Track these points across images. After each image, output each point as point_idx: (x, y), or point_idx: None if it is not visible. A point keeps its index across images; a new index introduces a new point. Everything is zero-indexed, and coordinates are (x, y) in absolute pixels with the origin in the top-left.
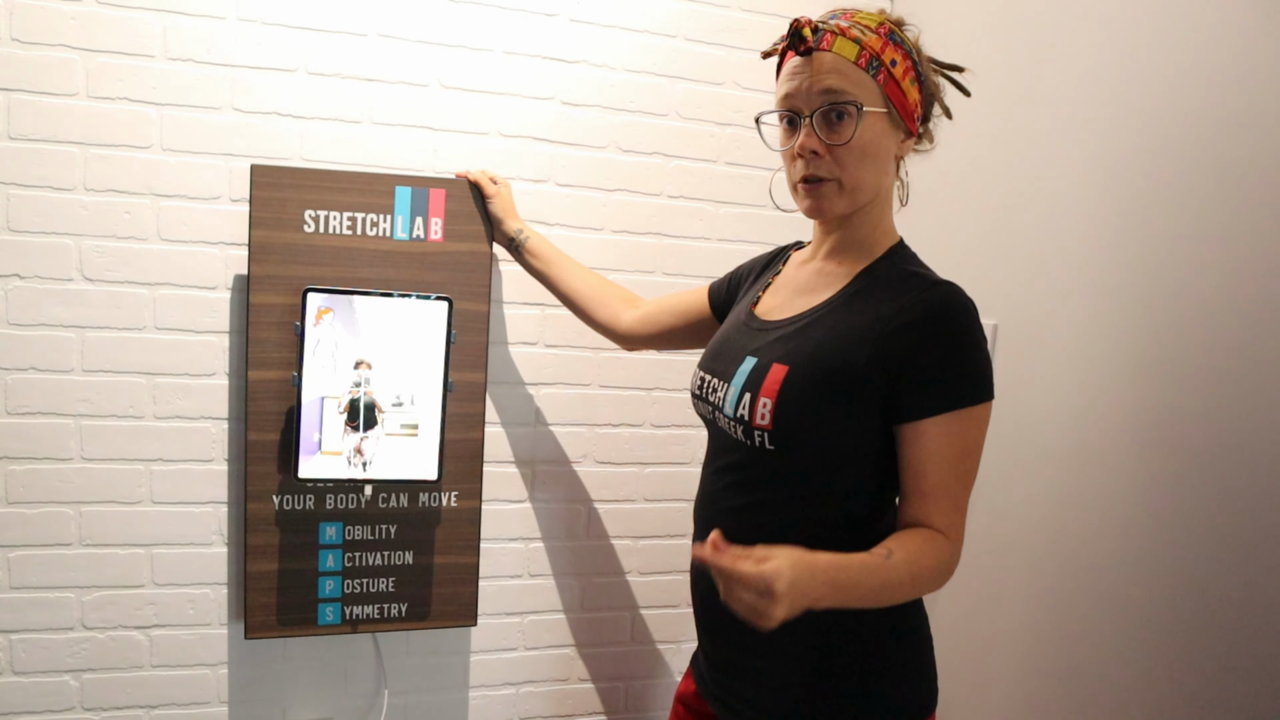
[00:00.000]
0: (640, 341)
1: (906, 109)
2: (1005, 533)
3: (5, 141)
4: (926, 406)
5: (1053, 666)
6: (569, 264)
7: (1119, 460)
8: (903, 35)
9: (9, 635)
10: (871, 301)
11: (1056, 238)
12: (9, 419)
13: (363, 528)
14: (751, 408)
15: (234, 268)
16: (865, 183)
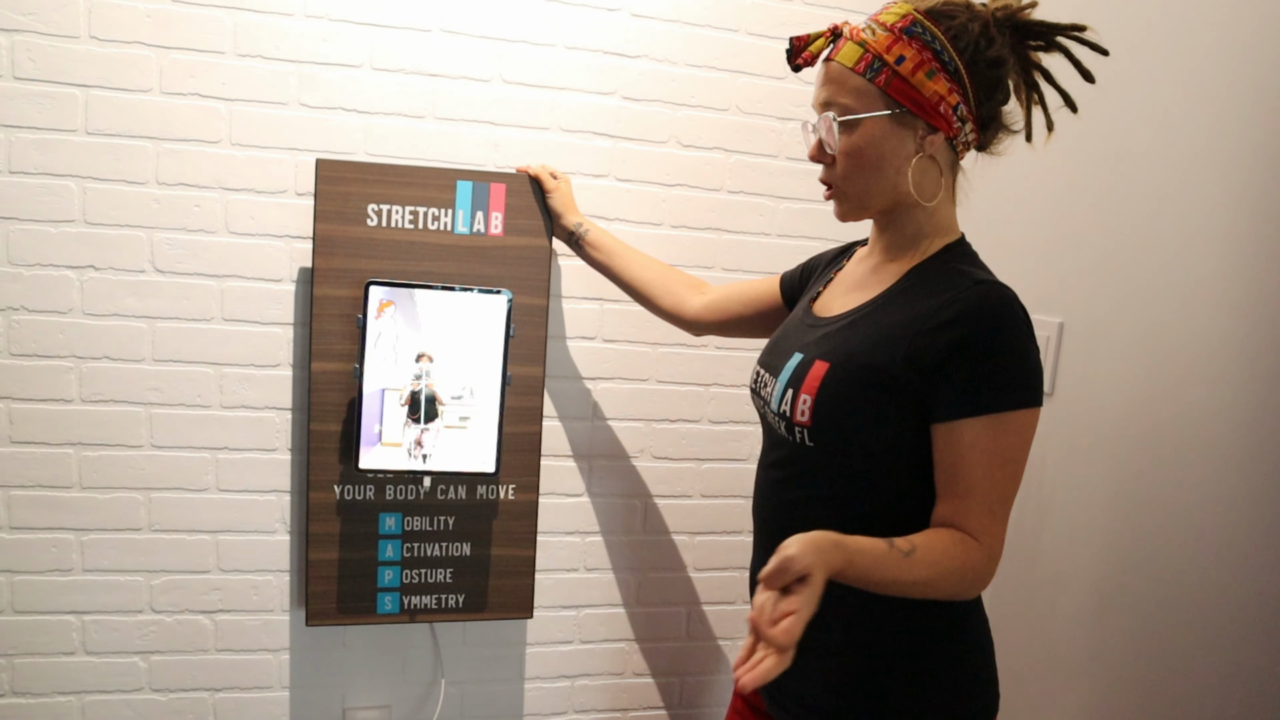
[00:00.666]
0: (707, 328)
1: (924, 104)
2: (1070, 533)
3: (83, 136)
4: (960, 408)
5: (1119, 673)
6: (631, 253)
7: (1186, 459)
8: (929, 25)
9: (82, 616)
10: (913, 299)
11: (1123, 233)
12: (84, 406)
13: (422, 519)
14: (793, 404)
15: (299, 261)
16: (868, 189)
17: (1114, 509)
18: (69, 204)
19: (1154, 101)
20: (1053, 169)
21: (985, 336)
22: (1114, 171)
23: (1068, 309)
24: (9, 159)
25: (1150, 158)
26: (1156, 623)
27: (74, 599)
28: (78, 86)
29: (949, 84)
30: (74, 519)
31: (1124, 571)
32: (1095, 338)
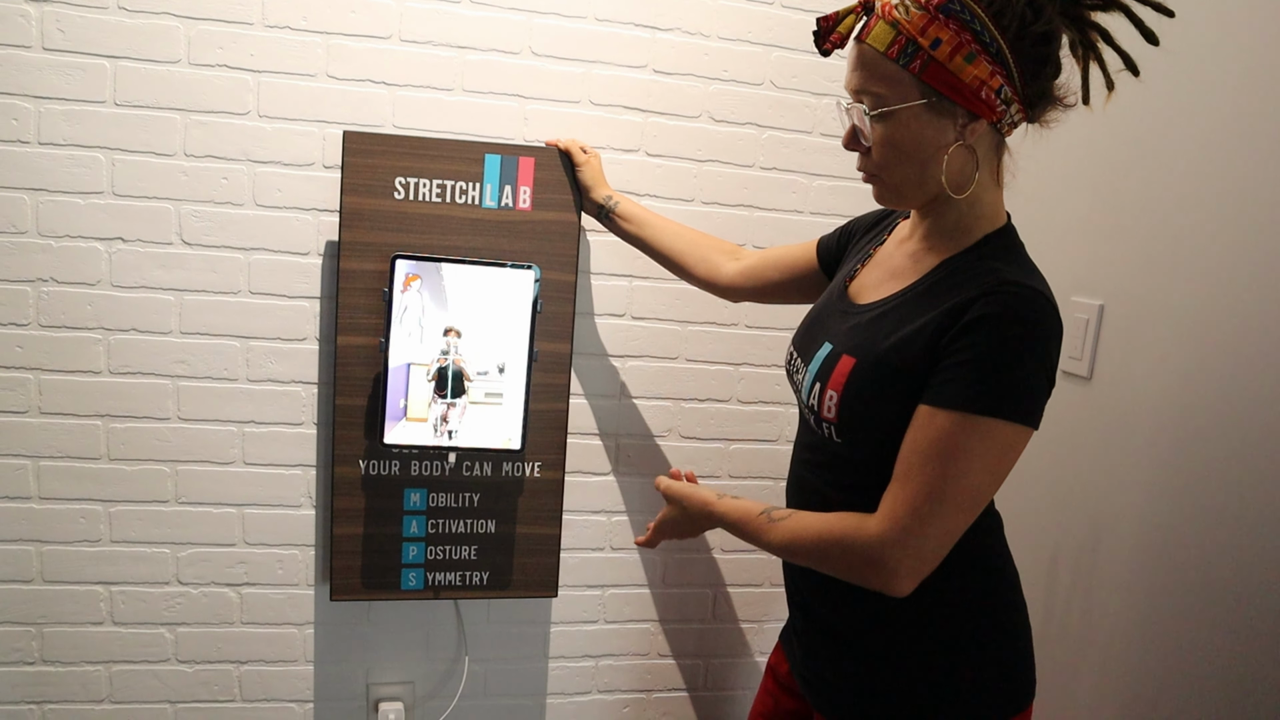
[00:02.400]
0: (743, 294)
1: (963, 90)
2: (1105, 520)
3: (112, 108)
4: (938, 396)
5: (1154, 664)
6: (662, 222)
7: (1227, 447)
8: (969, 2)
9: (110, 587)
10: (942, 296)
11: (1166, 215)
12: (111, 378)
13: (446, 495)
14: (820, 399)
15: (326, 234)
16: (906, 179)
17: (1150, 495)
18: (97, 175)
19: (1202, 80)
20: (1096, 148)
21: (994, 338)
22: (1159, 151)
23: (1109, 292)
24: (38, 130)
25: (1196, 138)
26: (1193, 613)
27: (102, 570)
28: (106, 58)
29: (991, 66)
30: (102, 490)
31: (1160, 559)
32: (1136, 321)
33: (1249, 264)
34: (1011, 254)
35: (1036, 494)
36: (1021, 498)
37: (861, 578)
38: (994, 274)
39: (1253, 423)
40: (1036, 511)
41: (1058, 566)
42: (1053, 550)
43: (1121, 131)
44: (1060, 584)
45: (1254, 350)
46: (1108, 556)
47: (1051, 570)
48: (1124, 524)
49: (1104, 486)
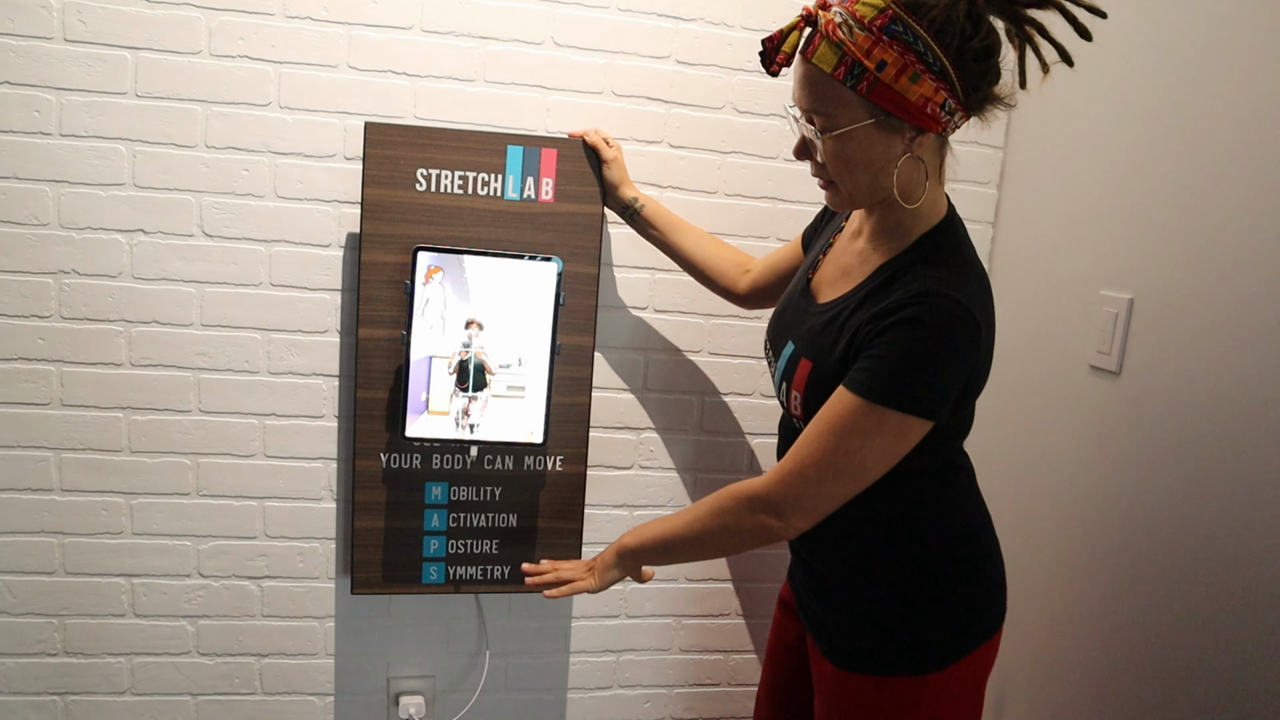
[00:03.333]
0: (754, 304)
1: (909, 108)
2: (1131, 516)
3: (133, 99)
4: (850, 379)
5: (1177, 660)
6: (686, 229)
7: (1257, 446)
8: (910, 21)
9: (131, 579)
10: (879, 298)
11: (1198, 206)
12: (133, 370)
13: (468, 488)
14: (788, 396)
15: (347, 226)
16: (859, 188)
17: (1180, 493)
18: (119, 167)
19: (1237, 68)
20: (1126, 138)
21: (905, 339)
22: (1191, 141)
23: (1139, 285)
24: (60, 121)
25: (1230, 127)
26: (1218, 612)
27: (123, 562)
28: (127, 49)
29: (935, 83)
30: (123, 483)
31: (1189, 558)
32: (1167, 315)
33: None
34: (944, 254)
35: (1063, 489)
36: (1047, 492)
37: (755, 524)
38: (920, 281)
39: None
40: (1063, 506)
41: (1084, 562)
42: (1079, 546)
43: (1153, 120)
44: (1087, 580)
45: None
46: (1135, 554)
47: (1077, 566)
48: (1152, 521)
49: (1132, 483)
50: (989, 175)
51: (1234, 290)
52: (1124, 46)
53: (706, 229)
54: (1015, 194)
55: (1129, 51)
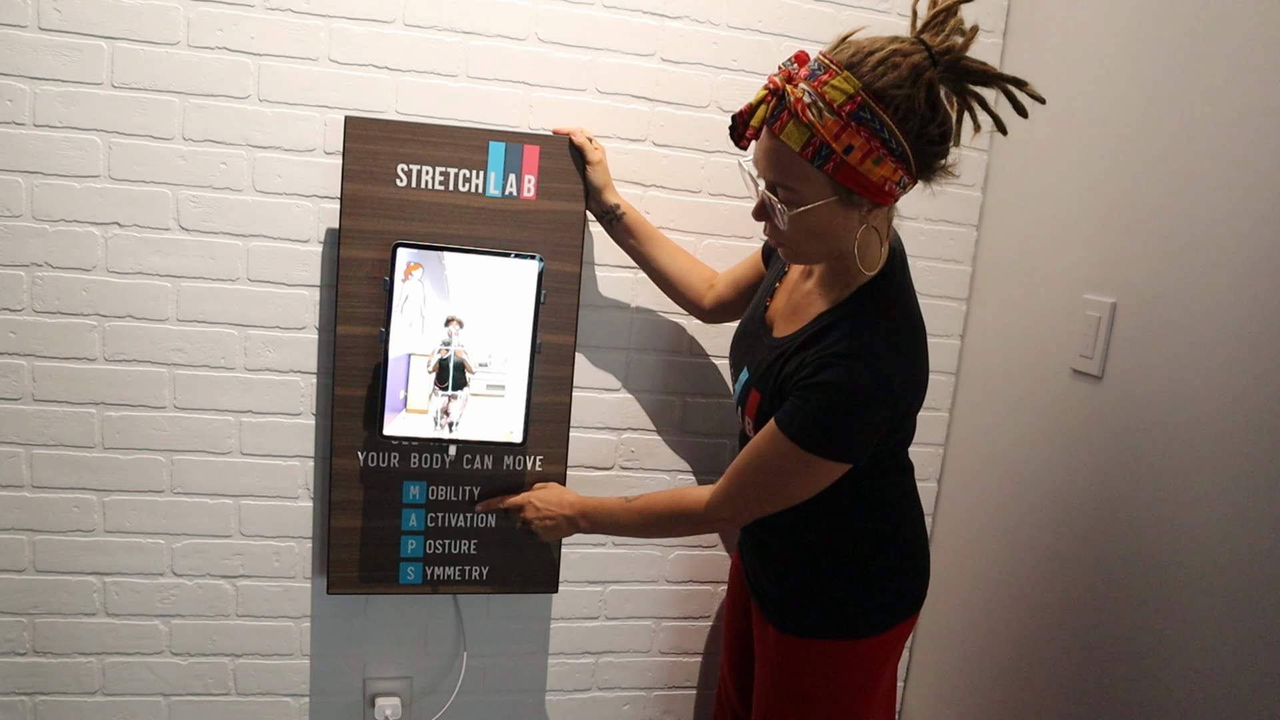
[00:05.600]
0: (718, 319)
1: (870, 186)
2: (1113, 521)
3: (109, 90)
4: (779, 415)
5: (1155, 666)
6: (663, 241)
7: (1242, 452)
8: (877, 109)
9: (104, 577)
10: (808, 350)
11: (1180, 210)
12: (107, 365)
13: (446, 488)
14: (743, 419)
15: (326, 221)
16: (815, 253)
17: (1161, 497)
18: (94, 159)
19: (1212, 75)
20: (1109, 142)
21: (823, 396)
22: (1174, 145)
23: (1121, 289)
24: (34, 112)
25: (1212, 131)
26: (1199, 619)
27: (95, 560)
28: (104, 38)
29: (894, 164)
30: (96, 479)
31: (1169, 562)
32: (1150, 320)
33: (1269, 261)
34: (877, 308)
35: (1043, 493)
36: (1028, 496)
37: (705, 527)
38: (845, 340)
39: (1269, 426)
40: (1043, 510)
41: (1064, 567)
42: (1058, 550)
43: (1137, 124)
44: (1067, 585)
45: (1273, 350)
46: (1113, 559)
47: (1053, 570)
48: (1133, 526)
49: (1113, 487)
50: (974, 178)
51: (1218, 295)
52: (1107, 49)
53: (690, 229)
54: (999, 197)
55: (1112, 55)
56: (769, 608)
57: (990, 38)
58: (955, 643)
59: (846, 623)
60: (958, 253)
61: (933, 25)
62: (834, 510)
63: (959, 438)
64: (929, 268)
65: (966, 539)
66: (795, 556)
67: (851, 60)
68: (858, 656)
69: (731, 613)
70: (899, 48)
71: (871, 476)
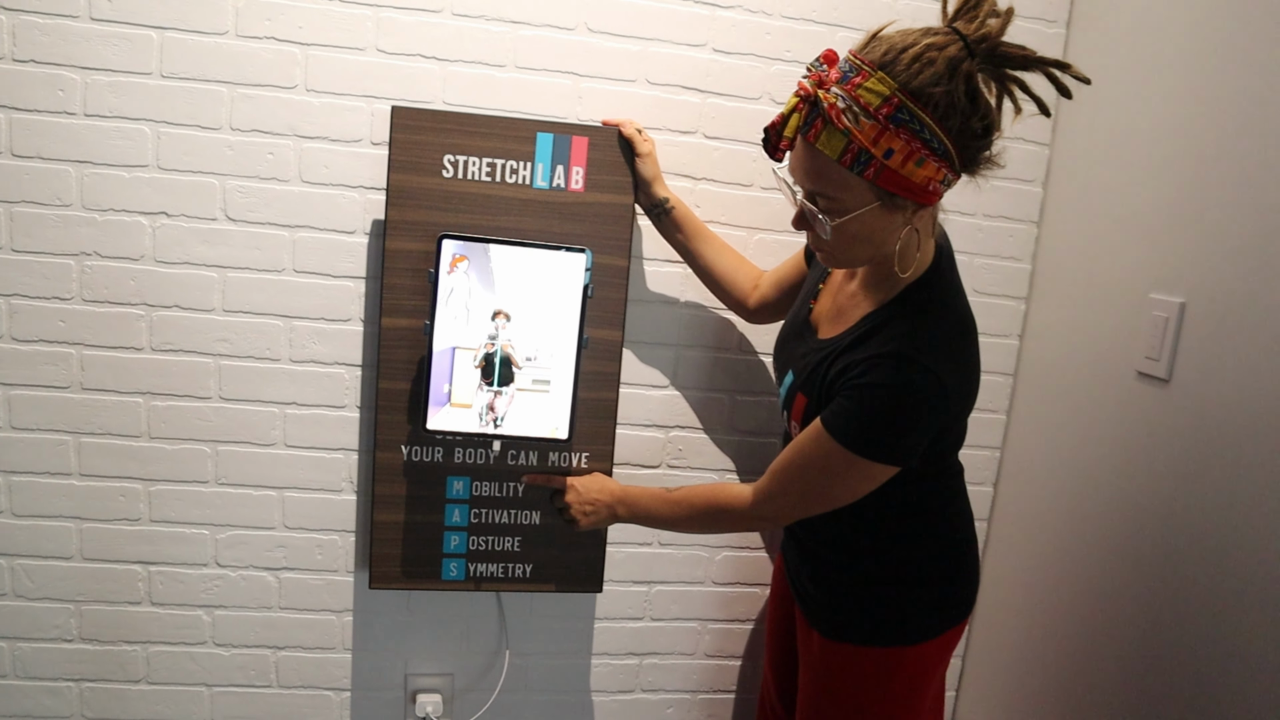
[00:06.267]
0: (762, 319)
1: (912, 188)
2: (1183, 532)
3: (158, 80)
4: (825, 414)
5: (1216, 673)
6: (710, 238)
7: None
8: (915, 109)
9: (149, 567)
10: (854, 352)
11: (1254, 207)
12: (154, 355)
13: (490, 484)
14: (789, 422)
15: (372, 212)
16: (858, 258)
17: (1231, 506)
18: (142, 148)
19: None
20: (1178, 132)
21: (871, 396)
22: (1247, 136)
23: (1191, 288)
24: (84, 102)
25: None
26: (1267, 638)
27: (141, 549)
28: (153, 28)
29: (937, 164)
30: (142, 469)
31: (1239, 573)
32: (1220, 320)
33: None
34: (924, 308)
35: (1105, 500)
36: (1089, 502)
37: (744, 525)
38: (892, 341)
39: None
40: (1105, 517)
41: (1125, 578)
42: (1119, 560)
43: (1209, 114)
44: (1129, 596)
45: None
46: (1178, 570)
47: (1115, 579)
48: (1200, 537)
49: (1180, 495)
50: (1034, 173)
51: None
52: (1176, 37)
53: (740, 223)
54: (1061, 192)
55: (1181, 43)
56: (813, 612)
57: (1053, 28)
58: (1010, 652)
59: (893, 629)
60: (1017, 250)
61: (965, 12)
62: (881, 513)
63: (1016, 441)
64: (987, 265)
65: (1023, 545)
66: (840, 560)
67: (884, 59)
68: (904, 664)
69: (774, 616)
70: (933, 41)
71: (920, 479)
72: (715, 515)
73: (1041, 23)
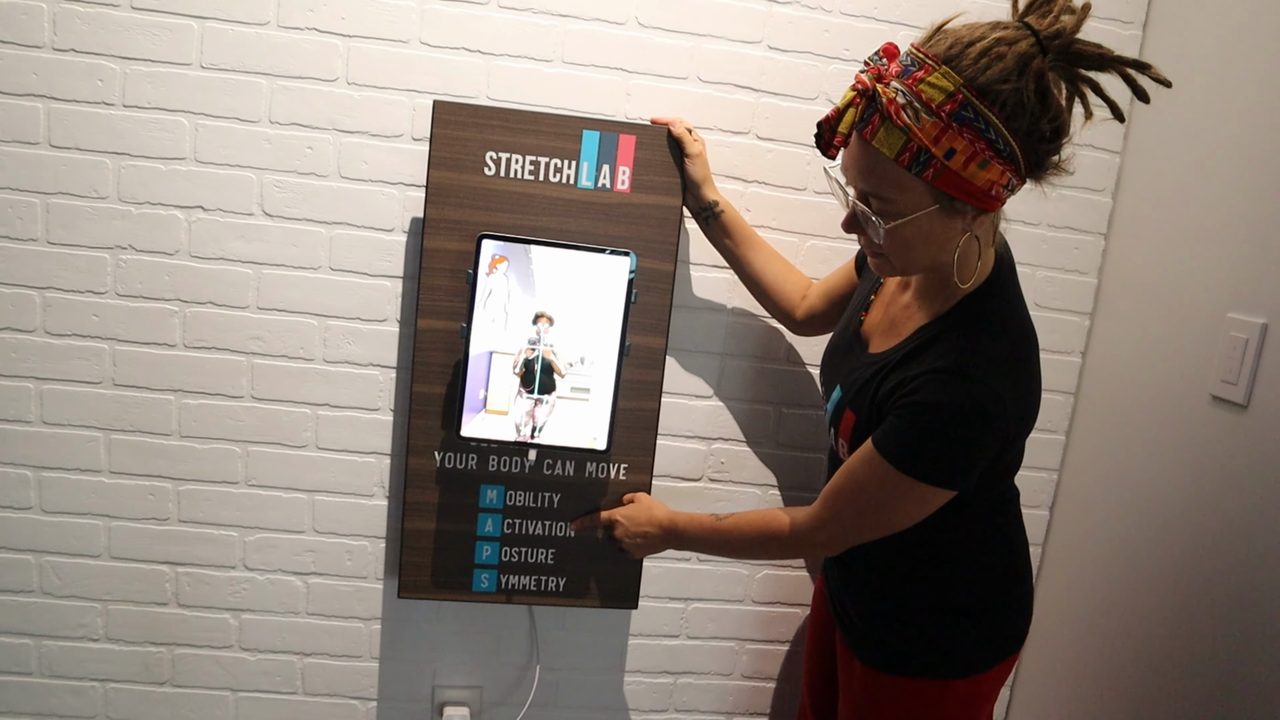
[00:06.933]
0: (810, 331)
1: (974, 192)
2: (1261, 567)
3: (197, 71)
4: (876, 435)
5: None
6: (760, 244)
7: None
8: (981, 107)
9: (176, 568)
10: (909, 366)
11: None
12: (186, 352)
13: (525, 493)
14: (836, 440)
15: (411, 210)
16: (913, 264)
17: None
18: (180, 141)
19: None
20: (1259, 144)
21: (926, 415)
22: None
23: (1273, 308)
24: (123, 92)
25: None
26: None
27: (169, 549)
28: (194, 18)
29: (1002, 167)
30: (172, 468)
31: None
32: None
33: None
34: (983, 322)
35: (1171, 528)
36: (1154, 530)
37: (796, 551)
38: (949, 355)
39: None
40: (1170, 547)
41: (1191, 613)
42: (1185, 594)
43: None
44: (1194, 632)
45: None
46: (1256, 607)
47: (1187, 615)
48: (1277, 574)
49: (1255, 527)
50: (1103, 182)
51: None
52: (1260, 41)
53: (793, 228)
54: (1132, 203)
55: (1266, 45)
56: (855, 639)
57: (1129, 29)
58: (1062, 686)
59: (940, 661)
60: (1082, 263)
61: (1038, 6)
62: (931, 538)
63: (1076, 464)
64: (1049, 278)
65: (1079, 574)
66: (886, 585)
67: (950, 53)
68: (951, 699)
69: (814, 640)
70: (1002, 35)
71: (974, 503)
72: (767, 541)
73: (1116, 23)
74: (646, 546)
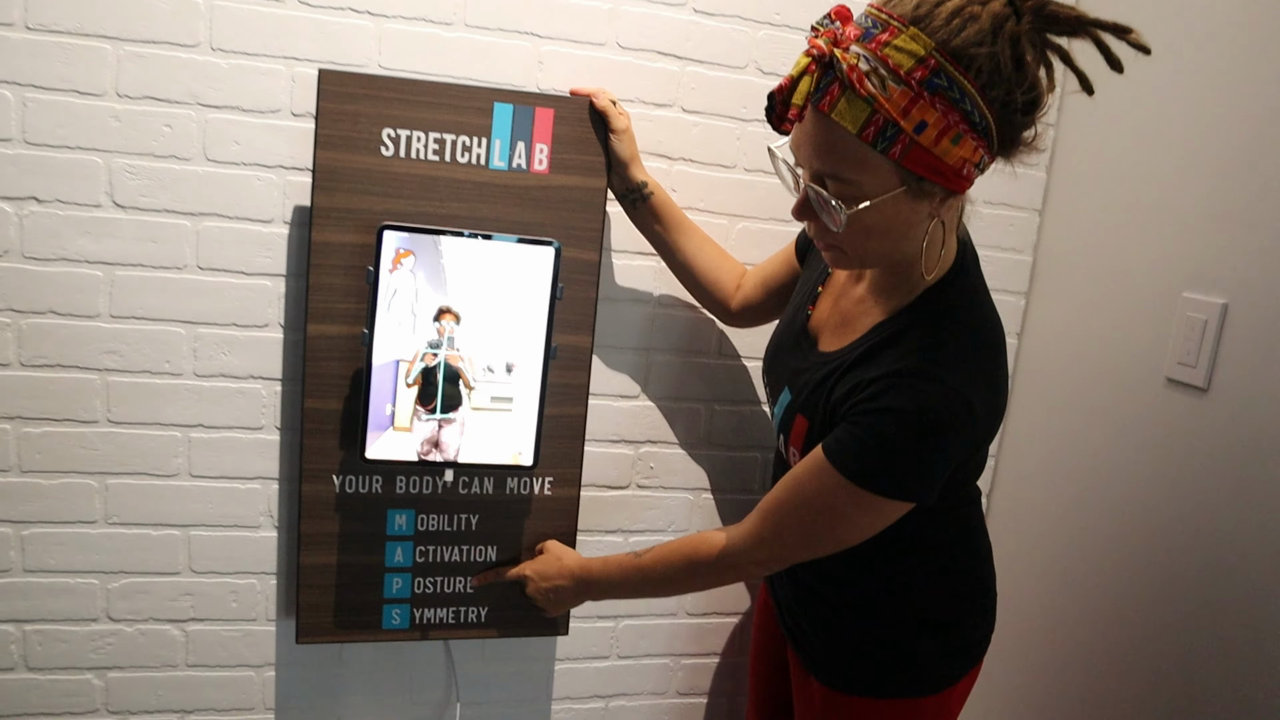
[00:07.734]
0: (745, 323)
1: (945, 171)
2: (1225, 554)
3: (23, 33)
4: (826, 441)
5: (1264, 699)
6: (692, 230)
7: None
8: (955, 73)
9: (23, 626)
10: (866, 367)
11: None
12: (24, 371)
13: (439, 517)
14: (786, 447)
15: (294, 198)
16: (872, 254)
17: (1276, 531)
18: (5, 119)
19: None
20: (1218, 119)
21: (885, 422)
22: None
23: (1233, 288)
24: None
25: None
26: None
27: (14, 605)
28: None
29: (975, 142)
30: (11, 509)
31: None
32: (1266, 323)
33: None
34: (947, 316)
35: (1124, 519)
36: (1104, 521)
37: (731, 576)
38: (910, 355)
39: None
40: (1140, 536)
41: (1154, 598)
42: (1148, 581)
43: (1252, 87)
44: (1157, 623)
45: None
46: (1215, 594)
47: (1146, 603)
48: (1240, 558)
49: (1222, 513)
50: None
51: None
52: (1213, 3)
53: (721, 209)
54: (1070, 178)
55: (1218, 9)
56: (812, 659)
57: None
58: (1016, 693)
59: (908, 679)
60: (1018, 241)
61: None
62: (891, 549)
63: (1031, 451)
64: (983, 257)
65: (1023, 570)
66: (842, 599)
67: (917, 13)
68: (921, 716)
69: (761, 657)
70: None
71: (942, 513)
72: (696, 569)
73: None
74: (560, 602)
